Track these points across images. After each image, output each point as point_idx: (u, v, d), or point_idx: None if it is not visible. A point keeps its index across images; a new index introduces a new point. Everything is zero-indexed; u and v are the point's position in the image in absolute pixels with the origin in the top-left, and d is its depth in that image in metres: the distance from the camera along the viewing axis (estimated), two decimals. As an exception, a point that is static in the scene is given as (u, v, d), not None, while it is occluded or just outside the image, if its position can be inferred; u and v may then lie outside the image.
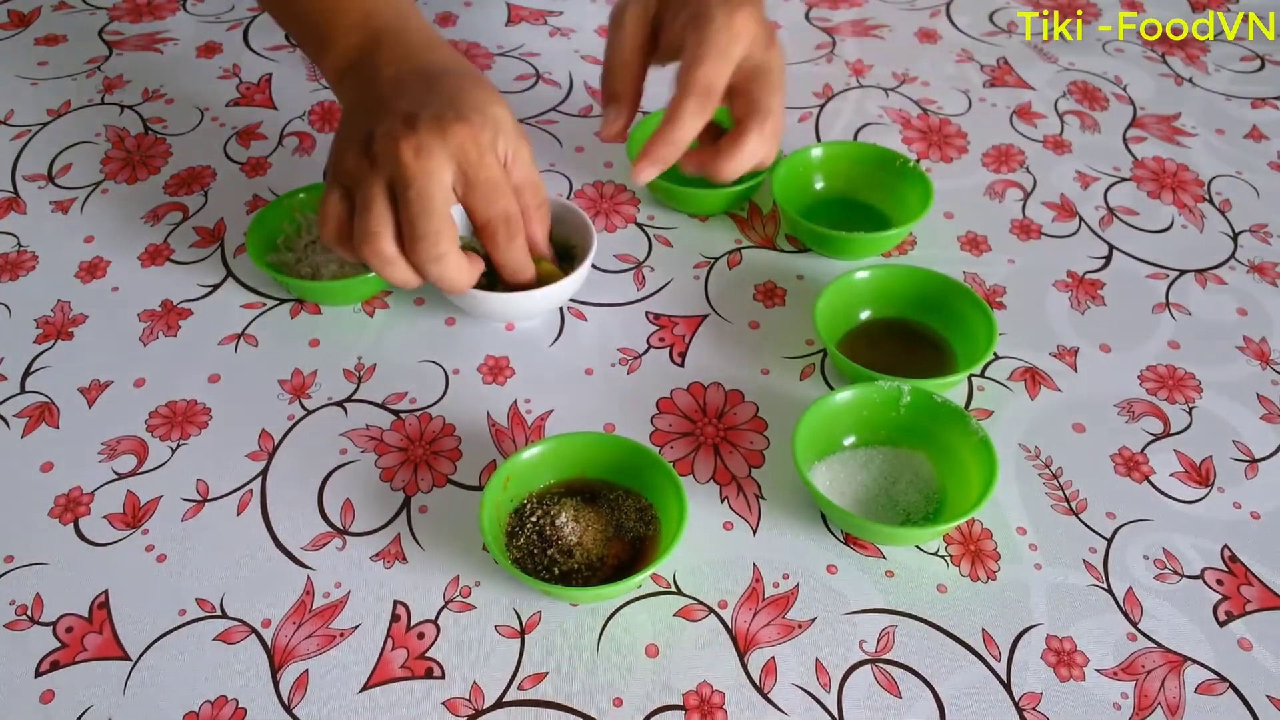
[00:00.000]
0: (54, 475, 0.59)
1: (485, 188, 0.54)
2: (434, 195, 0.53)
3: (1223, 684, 0.52)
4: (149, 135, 0.83)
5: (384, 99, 0.56)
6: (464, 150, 0.53)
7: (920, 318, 0.68)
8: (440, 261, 0.54)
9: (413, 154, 0.52)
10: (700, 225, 0.77)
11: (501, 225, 0.56)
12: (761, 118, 0.62)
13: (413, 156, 0.52)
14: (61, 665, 0.51)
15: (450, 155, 0.53)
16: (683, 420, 0.63)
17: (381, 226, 0.54)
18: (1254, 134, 0.87)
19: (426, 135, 0.52)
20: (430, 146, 0.52)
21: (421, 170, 0.52)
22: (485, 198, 0.55)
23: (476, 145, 0.54)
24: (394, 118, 0.54)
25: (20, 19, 0.97)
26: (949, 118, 0.88)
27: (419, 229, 0.53)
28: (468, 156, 0.53)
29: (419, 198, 0.52)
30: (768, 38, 0.62)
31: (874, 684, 0.51)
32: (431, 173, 0.52)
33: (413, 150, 0.52)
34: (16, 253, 0.73)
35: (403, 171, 0.52)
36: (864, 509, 0.57)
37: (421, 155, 0.52)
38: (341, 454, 0.61)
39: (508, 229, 0.56)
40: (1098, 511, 0.59)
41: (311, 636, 0.53)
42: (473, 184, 0.54)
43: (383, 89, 0.57)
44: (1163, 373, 0.67)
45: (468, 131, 0.53)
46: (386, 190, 0.54)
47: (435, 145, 0.52)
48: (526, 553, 0.54)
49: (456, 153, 0.53)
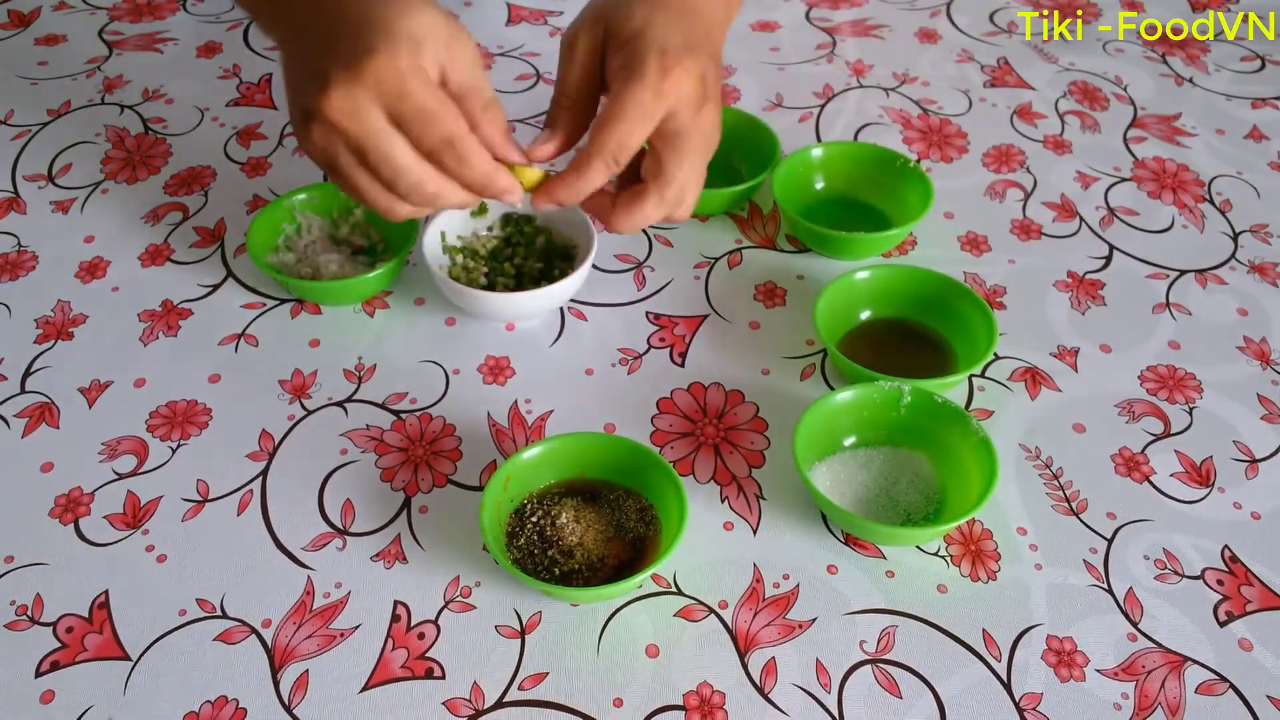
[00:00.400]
0: (54, 475, 0.59)
1: (415, 118, 0.50)
2: (390, 150, 0.51)
3: (1223, 684, 0.52)
4: (149, 135, 0.83)
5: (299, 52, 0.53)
6: (382, 87, 0.49)
7: (920, 318, 0.68)
8: (438, 199, 0.53)
9: (343, 118, 0.49)
10: (700, 225, 0.77)
11: (446, 150, 0.51)
12: (663, 184, 0.57)
13: (345, 120, 0.49)
14: (61, 665, 0.51)
15: (374, 96, 0.49)
16: (683, 420, 0.63)
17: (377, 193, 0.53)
18: (1254, 134, 0.87)
19: (343, 90, 0.49)
20: (353, 100, 0.49)
21: (360, 131, 0.50)
22: (419, 130, 0.51)
23: (395, 74, 0.49)
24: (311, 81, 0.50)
25: (20, 19, 0.97)
26: (949, 118, 0.88)
27: (400, 189, 0.52)
28: (387, 91, 0.49)
29: (381, 163, 0.51)
30: (700, 98, 0.55)
31: (874, 684, 0.51)
32: (371, 128, 0.50)
33: (340, 115, 0.49)
34: (16, 253, 0.73)
35: (347, 141, 0.50)
36: (864, 509, 0.57)
37: (351, 115, 0.49)
38: (342, 454, 0.61)
39: (454, 152, 0.52)
40: (1098, 512, 0.59)
41: (312, 636, 0.52)
42: (402, 118, 0.50)
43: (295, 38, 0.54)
44: (1163, 373, 0.67)
45: (380, 64, 0.49)
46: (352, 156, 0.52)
47: (357, 96, 0.49)
48: (527, 553, 0.54)
49: (376, 92, 0.49)
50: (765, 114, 0.87)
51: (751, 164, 0.79)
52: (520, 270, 0.68)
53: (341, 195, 0.72)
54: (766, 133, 0.78)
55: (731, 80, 0.91)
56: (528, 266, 0.69)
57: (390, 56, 0.49)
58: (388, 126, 0.50)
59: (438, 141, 0.51)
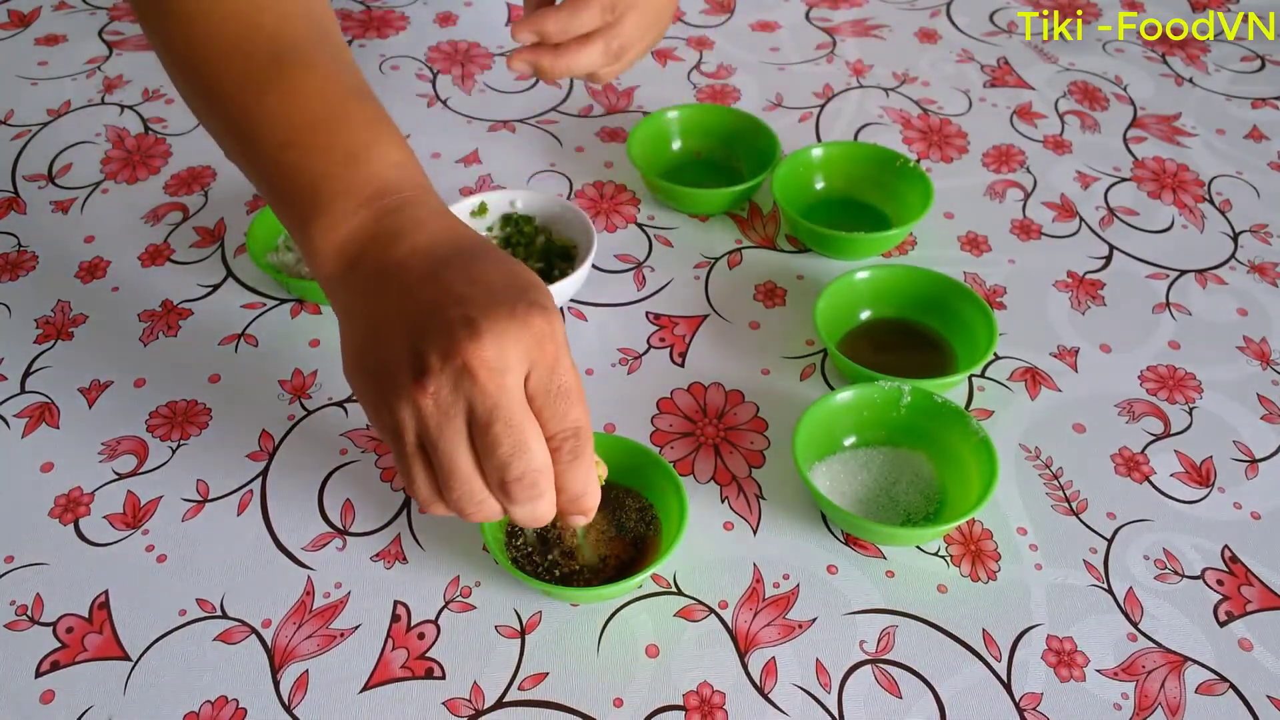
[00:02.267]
0: (54, 475, 0.59)
1: (560, 395, 0.43)
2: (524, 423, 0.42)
3: (1223, 684, 0.52)
4: (149, 135, 0.83)
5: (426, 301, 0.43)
6: (541, 348, 0.42)
7: (920, 318, 0.68)
8: (539, 501, 0.44)
9: (489, 373, 0.40)
10: (700, 225, 0.77)
11: (571, 440, 0.44)
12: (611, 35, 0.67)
13: (490, 376, 0.40)
14: (61, 665, 0.51)
15: (524, 356, 0.41)
16: (683, 420, 0.63)
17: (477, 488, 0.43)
18: (1254, 134, 0.87)
19: (498, 343, 0.40)
20: (506, 358, 0.41)
21: (503, 392, 0.41)
22: (559, 407, 0.43)
23: (553, 341, 0.42)
24: (449, 327, 0.41)
25: (20, 19, 0.97)
26: (949, 118, 0.88)
27: (514, 471, 0.42)
28: (544, 356, 0.42)
29: (509, 433, 0.41)
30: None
31: (874, 684, 0.51)
32: (513, 392, 0.41)
33: (488, 369, 0.40)
34: (16, 253, 0.73)
35: (482, 401, 0.41)
36: (864, 509, 0.57)
37: (499, 373, 0.41)
38: (342, 454, 0.61)
39: (575, 445, 0.44)
40: (1098, 511, 0.59)
41: (312, 636, 0.52)
42: (546, 390, 0.42)
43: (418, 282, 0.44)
44: (1163, 373, 0.67)
45: (543, 326, 0.42)
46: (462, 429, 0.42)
47: (511, 352, 0.41)
48: (525, 553, 0.54)
49: (532, 354, 0.42)
50: (765, 114, 0.87)
51: (751, 164, 0.79)
52: (520, 270, 0.68)
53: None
54: (766, 133, 0.78)
55: (731, 80, 0.91)
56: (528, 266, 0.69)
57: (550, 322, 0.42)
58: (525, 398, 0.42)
59: (569, 427, 0.43)
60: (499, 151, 0.83)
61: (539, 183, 0.80)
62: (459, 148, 0.83)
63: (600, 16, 0.66)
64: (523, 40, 0.67)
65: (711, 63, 0.93)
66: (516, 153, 0.83)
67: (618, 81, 0.90)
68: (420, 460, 0.43)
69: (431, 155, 0.82)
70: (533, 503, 0.43)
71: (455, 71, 0.91)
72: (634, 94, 0.89)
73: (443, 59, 0.93)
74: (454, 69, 0.91)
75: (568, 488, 0.45)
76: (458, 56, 0.93)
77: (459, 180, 0.80)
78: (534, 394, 0.42)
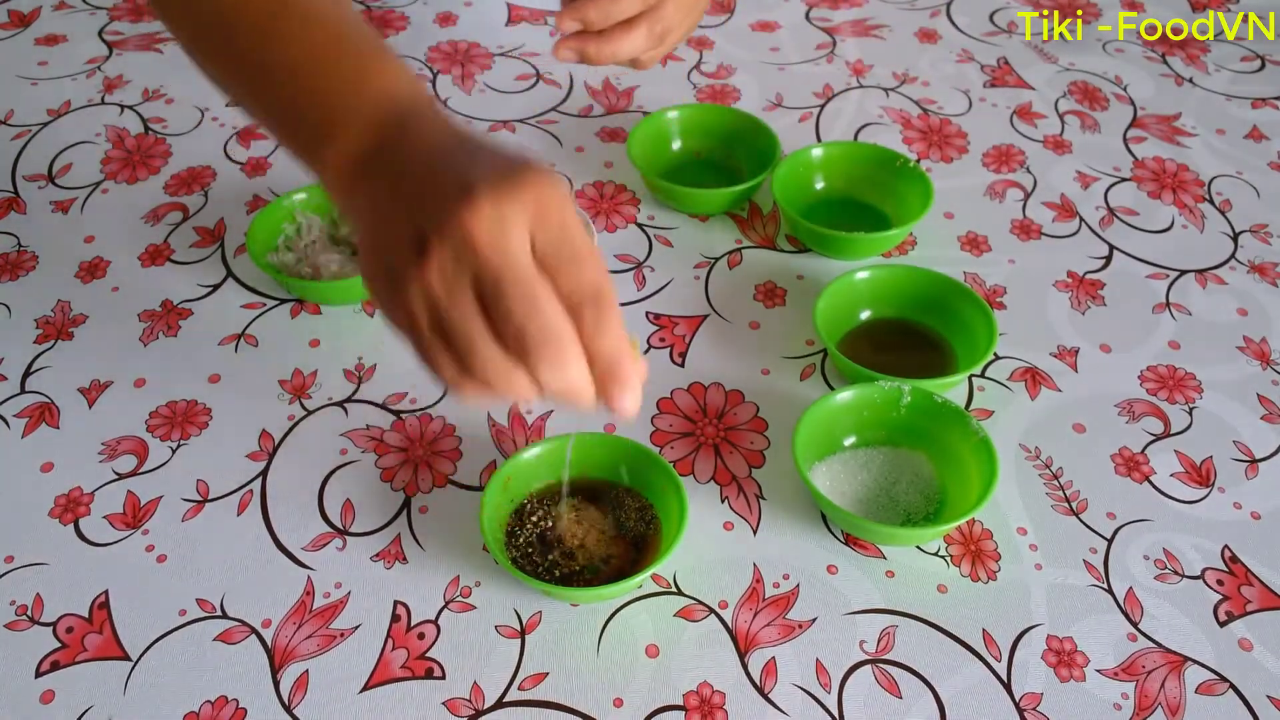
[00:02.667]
0: (54, 475, 0.59)
1: (571, 258, 0.41)
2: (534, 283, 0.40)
3: (1223, 684, 0.52)
4: (149, 135, 0.83)
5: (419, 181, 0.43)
6: (543, 209, 0.40)
7: (920, 318, 0.68)
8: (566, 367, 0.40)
9: (489, 234, 0.39)
10: (700, 225, 0.77)
11: (591, 304, 0.41)
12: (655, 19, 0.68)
13: (490, 237, 0.39)
14: (61, 665, 0.51)
15: (528, 219, 0.40)
16: (683, 420, 0.63)
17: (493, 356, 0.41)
18: (1254, 134, 0.87)
19: (495, 202, 0.39)
20: (505, 216, 0.39)
21: (506, 252, 0.39)
22: (572, 270, 0.41)
23: (557, 202, 0.40)
24: (446, 196, 0.40)
25: (20, 19, 0.97)
26: (949, 118, 0.88)
27: (531, 335, 0.39)
28: (548, 217, 0.40)
29: (520, 296, 0.39)
30: None
31: (874, 684, 0.51)
32: (517, 252, 0.40)
33: (487, 229, 0.39)
34: (16, 253, 0.73)
35: (486, 264, 0.39)
36: (864, 509, 0.57)
37: (500, 232, 0.39)
38: (342, 454, 0.61)
39: (598, 309, 0.41)
40: (1098, 511, 0.59)
41: (312, 637, 0.52)
42: (556, 253, 0.41)
43: (410, 176, 0.44)
44: (1163, 373, 0.67)
45: (543, 186, 0.40)
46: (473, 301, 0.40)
47: (511, 211, 0.39)
48: (525, 553, 0.54)
49: (534, 214, 0.40)
50: (765, 114, 0.87)
51: (751, 164, 0.79)
52: (520, 270, 0.68)
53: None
54: (766, 133, 0.78)
55: (731, 80, 0.91)
56: (528, 266, 0.68)
57: (552, 183, 0.41)
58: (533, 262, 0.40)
59: (587, 286, 0.41)
60: (499, 151, 0.82)
61: (539, 183, 0.80)
62: (459, 148, 0.83)
63: (642, 1, 0.68)
64: (566, 29, 0.68)
65: (711, 63, 0.93)
66: (516, 153, 0.82)
67: (617, 81, 0.90)
68: (440, 343, 0.41)
69: (431, 155, 0.82)
70: (560, 366, 0.40)
71: (455, 71, 0.91)
72: (634, 94, 0.89)
73: (443, 59, 0.93)
74: (454, 69, 0.91)
75: (600, 354, 0.41)
76: (458, 56, 0.93)
77: (459, 180, 0.79)
78: (543, 256, 0.40)
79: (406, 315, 0.41)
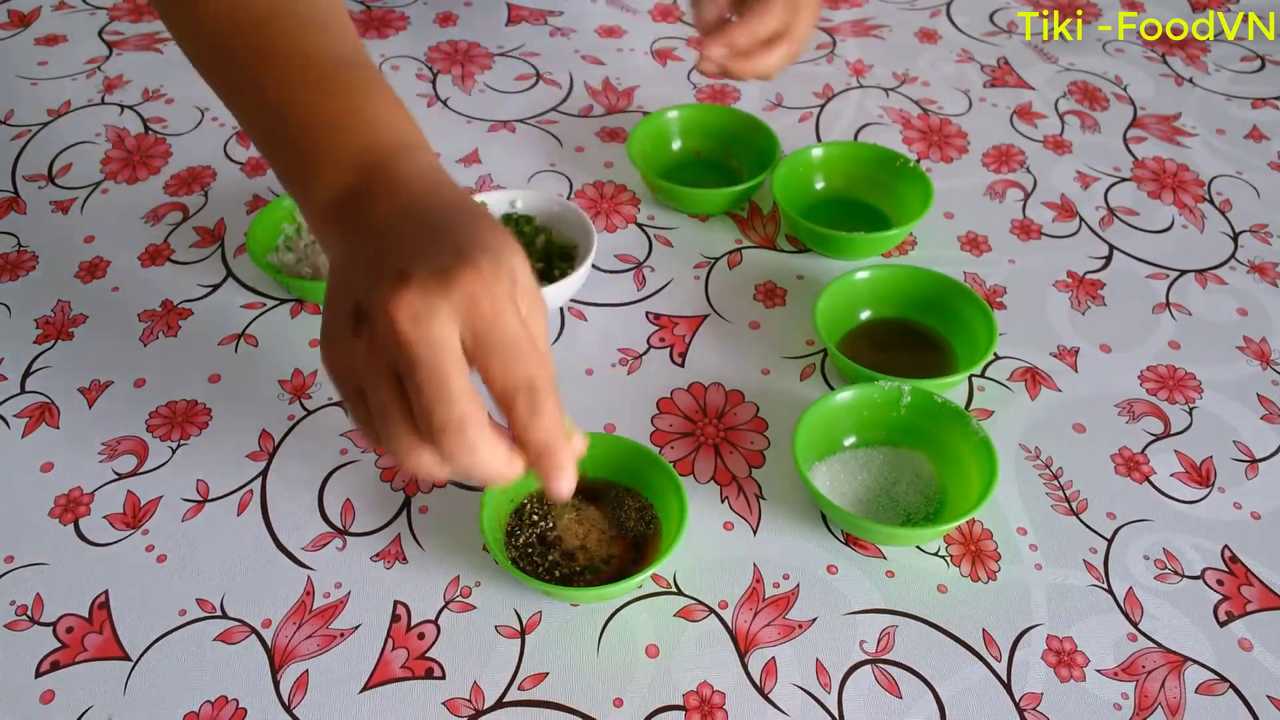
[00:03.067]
0: (54, 475, 0.59)
1: (503, 349, 0.42)
2: (447, 372, 0.41)
3: (1223, 684, 0.52)
4: (149, 135, 0.83)
5: (373, 251, 0.45)
6: (474, 303, 0.42)
7: (920, 318, 0.68)
8: (472, 453, 0.42)
9: (410, 322, 0.41)
10: (700, 225, 0.77)
11: (524, 394, 0.43)
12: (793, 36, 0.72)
13: (411, 325, 0.41)
14: (61, 665, 0.51)
15: (456, 312, 0.42)
16: (683, 420, 0.63)
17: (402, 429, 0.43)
18: (1254, 134, 0.87)
19: (423, 293, 0.41)
20: (431, 308, 0.41)
21: (423, 340, 0.41)
22: (503, 362, 0.42)
23: (490, 296, 0.42)
24: (384, 278, 0.42)
25: (20, 19, 0.97)
26: (949, 118, 0.88)
27: (436, 420, 0.41)
28: (479, 310, 0.42)
29: (429, 381, 0.41)
30: None
31: (874, 684, 0.51)
32: (436, 342, 0.41)
33: (410, 318, 0.41)
34: (16, 253, 0.73)
35: (402, 349, 0.41)
36: (864, 509, 0.57)
37: (421, 322, 0.41)
38: (342, 454, 0.61)
39: (530, 399, 0.43)
40: (1098, 511, 0.59)
41: (312, 637, 0.53)
42: (486, 345, 0.42)
43: (370, 237, 0.46)
44: (1163, 373, 0.67)
45: (477, 281, 0.42)
46: (393, 380, 0.43)
47: (437, 303, 0.41)
48: (525, 553, 0.54)
49: (464, 308, 0.42)
50: (765, 114, 0.87)
51: (751, 164, 0.79)
52: (520, 270, 0.68)
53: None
54: (766, 133, 0.78)
55: (731, 80, 0.91)
56: (528, 266, 0.69)
57: (492, 279, 0.42)
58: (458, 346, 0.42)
59: (520, 380, 0.43)
60: (499, 151, 0.83)
61: (539, 183, 0.80)
62: (459, 148, 0.83)
63: (783, 18, 0.72)
64: (716, 56, 0.72)
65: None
66: (516, 153, 0.83)
67: (617, 81, 0.90)
68: (361, 404, 0.44)
69: (431, 155, 0.82)
70: (467, 454, 0.42)
71: (455, 71, 0.91)
72: (634, 94, 0.89)
73: (443, 59, 0.93)
74: (454, 69, 0.91)
75: (531, 442, 0.44)
76: (458, 56, 0.93)
77: (459, 180, 0.79)
78: (473, 351, 0.42)
79: (336, 371, 0.45)
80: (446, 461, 0.43)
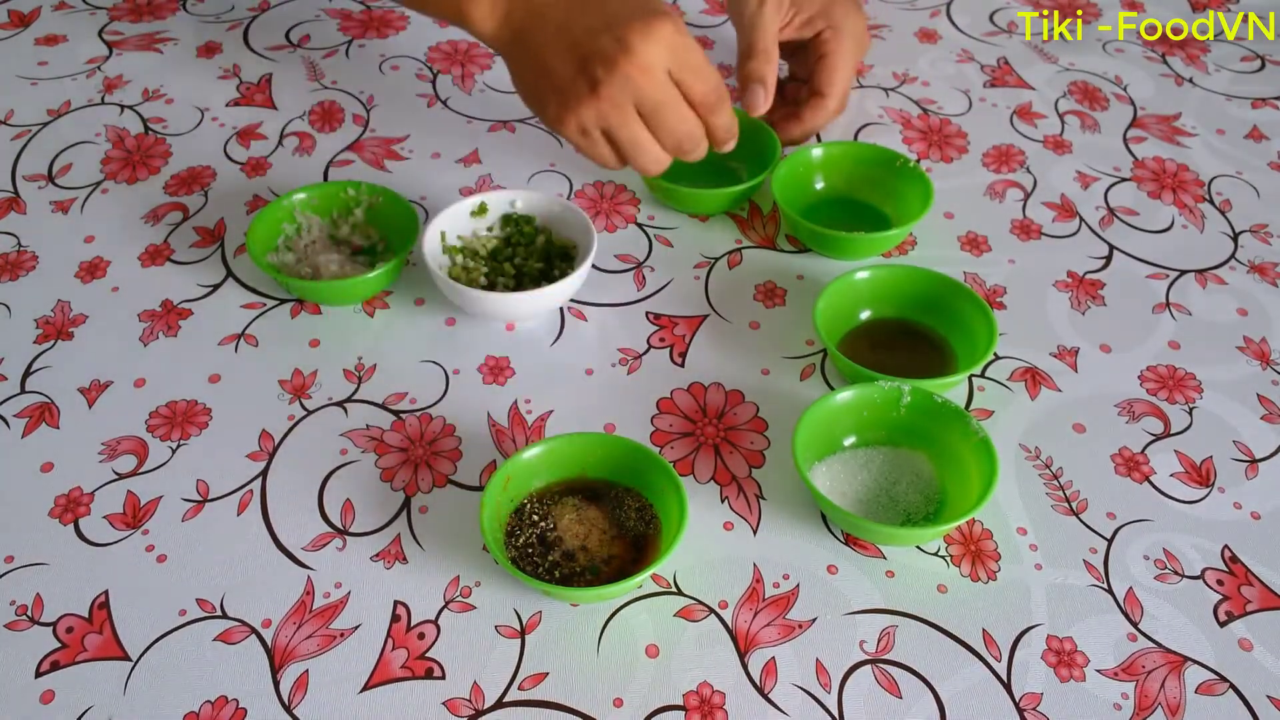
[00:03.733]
0: (54, 475, 0.59)
1: (695, 72, 0.63)
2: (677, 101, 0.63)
3: (1223, 684, 0.52)
4: (149, 135, 0.83)
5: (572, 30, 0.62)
6: (671, 44, 0.61)
7: (920, 318, 0.68)
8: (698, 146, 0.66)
9: (644, 73, 0.60)
10: (700, 225, 0.77)
11: (713, 98, 0.64)
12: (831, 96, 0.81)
13: (645, 75, 0.60)
14: (61, 665, 0.51)
15: (664, 55, 0.61)
16: (683, 420, 0.63)
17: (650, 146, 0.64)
18: (1254, 134, 0.87)
19: (643, 49, 0.60)
20: (650, 58, 0.60)
21: (654, 83, 0.61)
22: (698, 79, 0.63)
23: (680, 34, 0.62)
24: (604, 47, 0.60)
25: (20, 19, 0.97)
26: (949, 118, 0.88)
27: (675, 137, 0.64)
28: (675, 48, 0.61)
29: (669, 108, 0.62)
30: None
31: (874, 684, 0.51)
32: (662, 81, 0.61)
33: (644, 69, 0.60)
34: (16, 253, 0.73)
35: (645, 95, 0.61)
36: (864, 509, 0.57)
37: (650, 70, 0.60)
38: (342, 454, 0.61)
39: (718, 98, 0.65)
40: (1098, 511, 0.59)
41: (312, 637, 0.53)
42: (682, 72, 0.62)
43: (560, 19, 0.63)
44: (1163, 373, 0.67)
45: (668, 26, 0.61)
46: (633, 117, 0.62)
47: (654, 53, 0.60)
48: (525, 553, 0.54)
49: (667, 50, 0.61)
50: (765, 114, 0.87)
51: (751, 164, 0.79)
52: (520, 270, 0.68)
53: (341, 196, 0.72)
54: (766, 133, 0.78)
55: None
56: (528, 266, 0.69)
57: (673, 20, 0.62)
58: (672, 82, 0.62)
59: (710, 91, 0.64)
60: (499, 151, 0.83)
61: (539, 183, 0.80)
62: (459, 148, 0.83)
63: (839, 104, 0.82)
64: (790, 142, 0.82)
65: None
66: (516, 153, 0.83)
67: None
68: (605, 143, 0.64)
69: (431, 155, 0.82)
70: (697, 148, 0.66)
71: (455, 71, 0.91)
72: (634, 94, 0.89)
73: (443, 59, 0.93)
74: (454, 69, 0.91)
75: (719, 125, 0.67)
76: (458, 56, 0.93)
77: (459, 180, 0.80)
78: (679, 76, 0.62)
79: (579, 125, 0.63)
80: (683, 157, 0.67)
